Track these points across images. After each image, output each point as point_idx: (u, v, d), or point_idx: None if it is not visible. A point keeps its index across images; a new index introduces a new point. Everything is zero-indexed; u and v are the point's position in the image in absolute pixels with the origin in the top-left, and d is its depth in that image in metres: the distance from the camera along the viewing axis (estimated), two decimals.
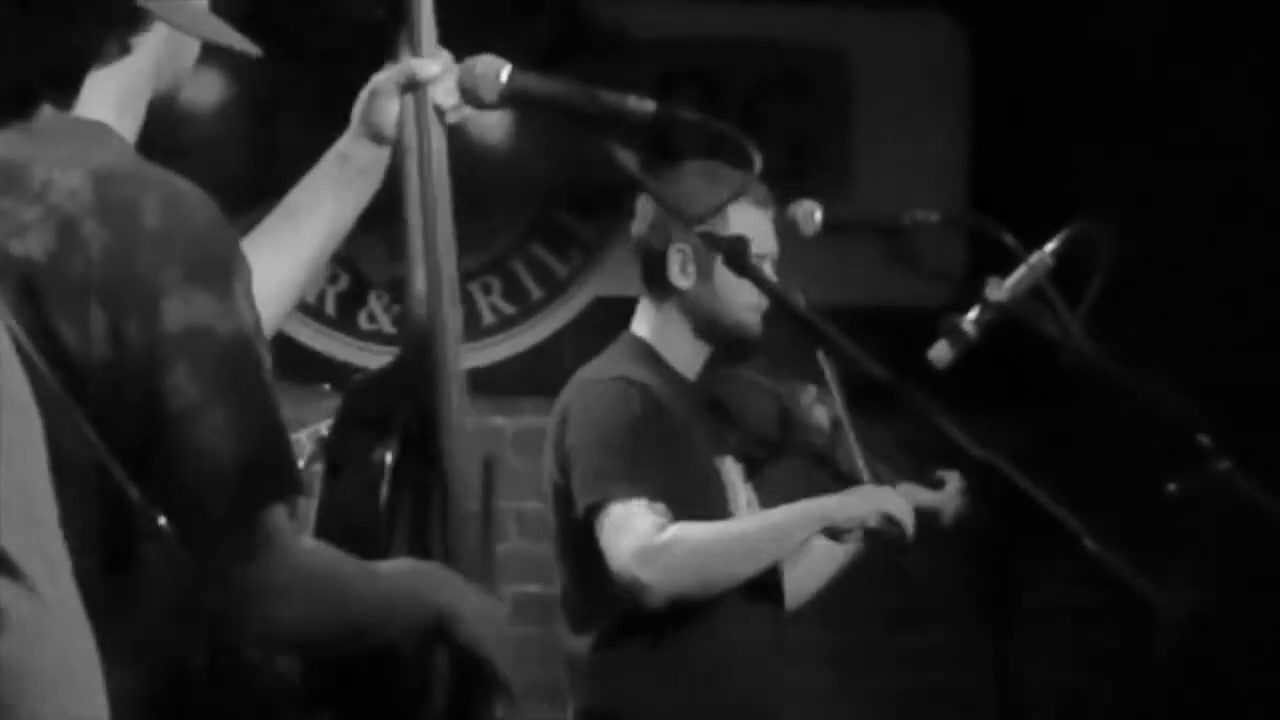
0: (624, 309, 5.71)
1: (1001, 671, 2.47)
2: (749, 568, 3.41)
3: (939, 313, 3.40)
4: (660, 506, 3.37)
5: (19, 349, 1.54)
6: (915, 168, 5.86)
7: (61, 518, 1.43)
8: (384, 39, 2.55)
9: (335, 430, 2.42)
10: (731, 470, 3.57)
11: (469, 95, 2.36)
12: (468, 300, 5.79)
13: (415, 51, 2.48)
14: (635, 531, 3.35)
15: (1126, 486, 3.96)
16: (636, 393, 3.45)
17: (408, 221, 2.47)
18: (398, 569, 2.21)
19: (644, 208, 3.62)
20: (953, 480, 3.66)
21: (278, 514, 1.98)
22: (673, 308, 3.57)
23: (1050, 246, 3.26)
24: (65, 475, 1.49)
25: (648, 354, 3.56)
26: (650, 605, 3.37)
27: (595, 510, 3.40)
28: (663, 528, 3.36)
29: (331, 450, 2.40)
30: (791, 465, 3.72)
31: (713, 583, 3.39)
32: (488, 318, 5.81)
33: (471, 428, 6.19)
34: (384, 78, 2.48)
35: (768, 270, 3.50)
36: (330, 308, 5.66)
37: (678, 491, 3.42)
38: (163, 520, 1.83)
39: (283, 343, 5.49)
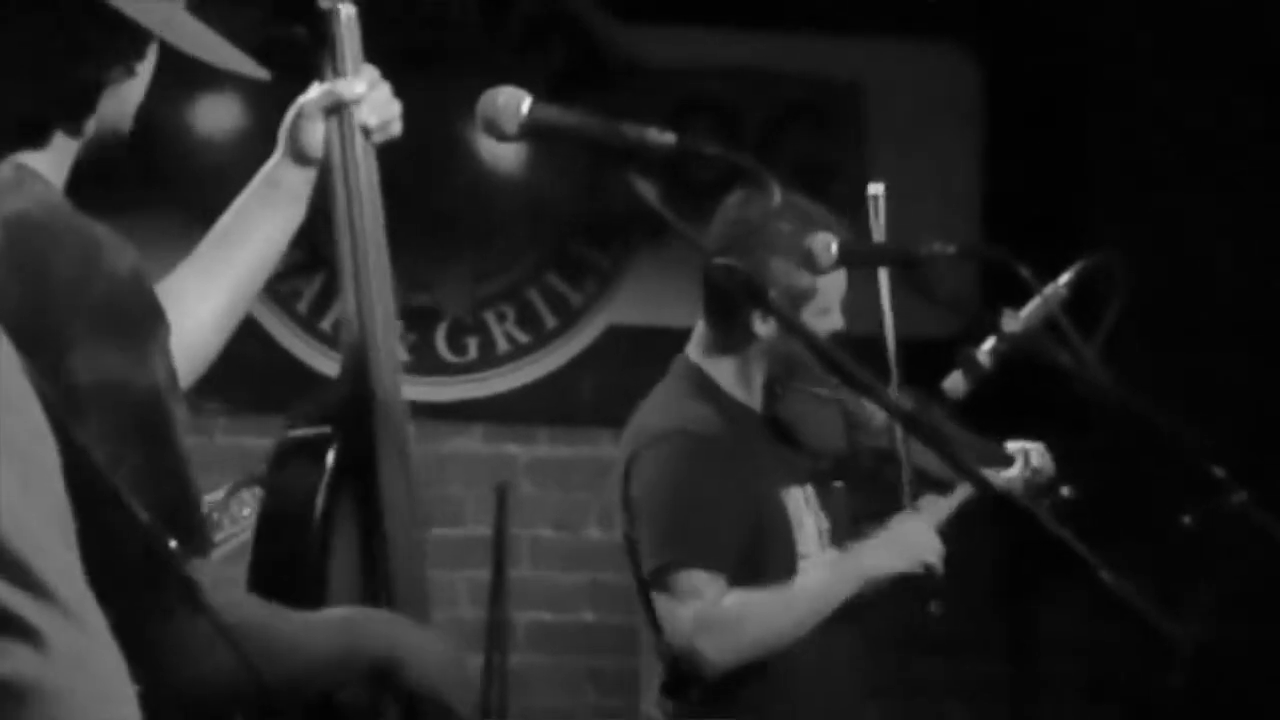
0: (638, 337, 5.73)
1: (1018, 702, 2.47)
2: (801, 631, 3.44)
3: (953, 344, 3.40)
4: (719, 575, 3.40)
5: None
6: (930, 198, 5.87)
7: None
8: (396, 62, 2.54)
9: (272, 460, 2.37)
10: (798, 499, 3.56)
11: (490, 126, 2.32)
12: (482, 329, 5.80)
13: (338, 71, 2.45)
14: (694, 603, 3.39)
15: (1142, 518, 3.96)
16: (697, 447, 3.44)
17: (337, 243, 2.44)
18: (329, 618, 2.16)
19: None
20: (1024, 453, 3.68)
21: (192, 570, 1.90)
22: (745, 348, 3.54)
23: (1064, 278, 3.26)
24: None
25: (707, 387, 3.54)
26: (708, 675, 3.40)
27: (657, 575, 3.43)
28: (719, 598, 3.39)
29: (268, 481, 2.37)
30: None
31: (768, 649, 3.43)
32: (502, 346, 5.82)
33: (485, 455, 6.16)
34: (308, 99, 2.45)
35: (836, 313, 3.52)
36: None
37: (739, 544, 3.44)
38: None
39: (298, 371, 5.52)
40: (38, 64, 1.93)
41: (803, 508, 3.55)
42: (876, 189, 3.55)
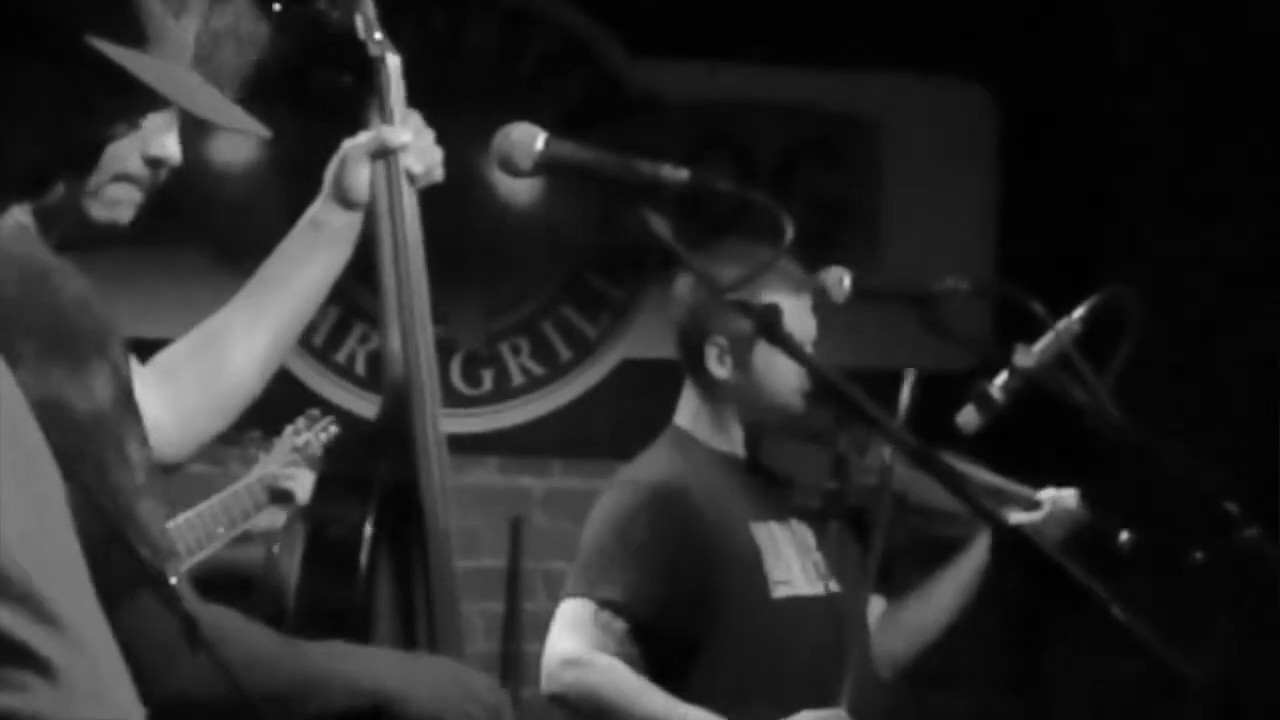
0: (652, 371, 5.73)
1: None
2: None
3: (966, 378, 3.40)
4: (613, 617, 3.43)
5: None
6: (943, 233, 5.88)
7: None
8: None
9: (315, 494, 2.44)
10: (772, 532, 3.57)
11: (505, 162, 2.36)
12: (497, 361, 5.81)
13: (385, 119, 2.52)
14: (575, 638, 3.43)
15: (1154, 553, 3.96)
16: (643, 495, 3.50)
17: (383, 284, 2.50)
18: (330, 649, 2.14)
19: (680, 294, 3.60)
20: (1052, 501, 3.68)
21: (191, 606, 1.89)
22: (714, 395, 3.58)
23: (1077, 314, 3.26)
24: None
25: (687, 443, 3.59)
26: (543, 695, 3.48)
27: (563, 601, 3.49)
28: (598, 648, 3.42)
29: (311, 514, 2.41)
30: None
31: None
32: (517, 378, 5.83)
33: (500, 487, 6.14)
34: (354, 144, 2.52)
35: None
36: (360, 369, 5.69)
37: (676, 593, 3.45)
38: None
39: (313, 402, 5.53)
40: (43, 121, 1.95)
41: (780, 540, 3.56)
42: (911, 373, 3.52)
